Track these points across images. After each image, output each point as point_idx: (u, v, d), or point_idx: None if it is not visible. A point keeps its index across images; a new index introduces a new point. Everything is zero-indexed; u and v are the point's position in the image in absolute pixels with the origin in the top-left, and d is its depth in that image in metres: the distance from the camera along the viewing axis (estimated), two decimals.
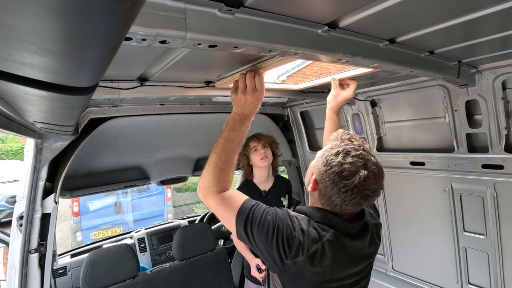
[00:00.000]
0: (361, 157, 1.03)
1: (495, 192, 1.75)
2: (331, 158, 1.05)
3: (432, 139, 1.99)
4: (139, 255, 3.31)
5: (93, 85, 0.54)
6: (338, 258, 1.08)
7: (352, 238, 1.11)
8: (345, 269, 1.11)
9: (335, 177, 1.03)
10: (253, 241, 1.10)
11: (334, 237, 1.07)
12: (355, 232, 1.13)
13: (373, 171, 1.03)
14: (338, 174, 1.02)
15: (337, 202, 1.05)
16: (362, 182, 1.01)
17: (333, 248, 1.06)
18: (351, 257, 1.12)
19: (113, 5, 0.27)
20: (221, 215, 1.16)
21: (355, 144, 1.06)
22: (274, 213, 1.10)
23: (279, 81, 7.52)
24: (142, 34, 0.66)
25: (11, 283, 1.67)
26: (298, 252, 1.03)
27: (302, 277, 1.07)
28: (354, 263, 1.14)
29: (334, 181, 1.03)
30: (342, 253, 1.09)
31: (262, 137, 2.30)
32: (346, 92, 1.62)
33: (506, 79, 1.53)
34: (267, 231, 1.06)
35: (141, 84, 1.54)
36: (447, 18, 0.94)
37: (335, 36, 0.98)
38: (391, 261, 2.46)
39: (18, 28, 0.29)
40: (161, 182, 2.76)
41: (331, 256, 1.06)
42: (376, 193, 1.06)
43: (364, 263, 1.18)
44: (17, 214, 1.70)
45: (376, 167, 1.04)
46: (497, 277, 1.83)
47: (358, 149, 1.04)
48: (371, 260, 1.23)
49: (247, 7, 0.78)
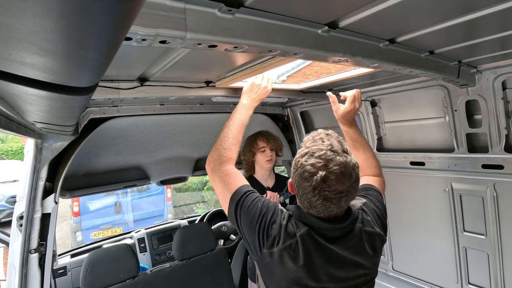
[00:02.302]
0: (323, 157, 1.00)
1: (495, 192, 1.75)
2: (297, 160, 1.06)
3: (432, 139, 1.99)
4: (139, 255, 3.30)
5: (93, 85, 0.54)
6: (312, 257, 1.06)
7: (329, 241, 1.06)
8: (324, 272, 1.06)
9: (298, 179, 1.04)
10: (240, 224, 1.16)
11: (308, 235, 1.06)
12: (335, 235, 1.07)
13: (334, 172, 0.98)
14: (300, 176, 1.03)
15: (306, 204, 1.06)
16: (320, 183, 0.98)
17: (306, 246, 1.05)
18: (331, 260, 1.06)
19: (113, 5, 0.27)
20: (220, 191, 1.27)
21: (324, 144, 1.03)
22: (264, 202, 1.15)
23: (279, 81, 7.50)
24: (142, 34, 0.66)
25: (11, 283, 1.66)
26: (274, 242, 1.07)
27: (276, 271, 1.08)
28: (336, 267, 1.07)
29: (298, 183, 1.04)
30: (317, 253, 1.06)
31: (272, 140, 2.31)
32: (345, 105, 1.54)
33: (506, 79, 1.53)
34: (252, 216, 1.12)
35: (141, 84, 1.54)
36: (447, 18, 0.94)
37: (335, 36, 0.98)
38: (391, 261, 2.46)
39: (18, 28, 0.29)
40: (161, 182, 2.76)
41: (304, 254, 1.05)
42: (341, 195, 1.00)
43: (353, 271, 1.10)
44: (17, 214, 1.70)
45: (340, 167, 0.99)
46: (497, 277, 1.83)
47: (323, 149, 1.01)
48: (364, 271, 1.12)
49: (247, 7, 0.78)
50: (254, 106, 1.56)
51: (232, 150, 1.38)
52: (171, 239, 3.43)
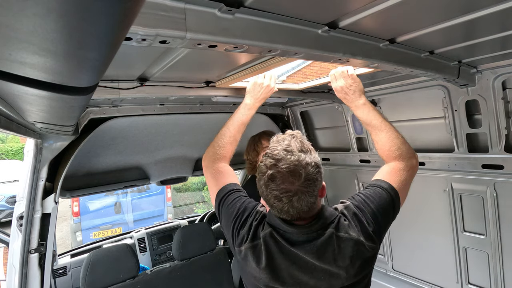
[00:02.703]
0: (276, 157, 1.01)
1: (495, 192, 1.75)
2: (260, 161, 1.09)
3: (432, 139, 1.99)
4: (139, 255, 3.30)
5: (93, 85, 0.54)
6: (275, 259, 1.05)
7: (292, 244, 1.05)
8: (288, 275, 1.05)
9: (257, 179, 1.07)
10: (220, 219, 1.24)
11: (271, 237, 1.07)
12: (300, 238, 1.05)
13: (281, 171, 0.98)
14: (257, 176, 1.07)
15: (267, 204, 1.08)
16: (269, 181, 1.00)
17: (269, 248, 1.06)
18: (296, 264, 1.04)
19: (113, 5, 0.27)
20: (210, 186, 1.35)
21: (282, 144, 1.04)
22: (243, 202, 1.20)
23: (279, 81, 7.49)
24: (142, 34, 0.66)
25: (11, 283, 1.66)
26: (242, 241, 1.11)
27: (245, 269, 1.11)
28: (303, 271, 1.04)
29: (258, 183, 1.07)
30: (280, 255, 1.05)
31: None
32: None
33: (506, 79, 1.53)
34: (230, 214, 1.18)
35: (141, 84, 1.55)
36: (447, 18, 0.94)
37: (335, 36, 0.98)
38: (391, 261, 2.46)
39: (18, 28, 0.29)
40: (161, 182, 2.76)
41: (266, 255, 1.05)
42: (289, 194, 0.99)
43: (326, 280, 1.04)
44: (17, 214, 1.70)
45: (288, 166, 0.98)
46: (497, 277, 1.83)
47: (278, 149, 1.02)
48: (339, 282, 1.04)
49: (247, 7, 0.78)
50: (257, 106, 1.55)
51: (226, 148, 1.42)
52: (171, 239, 3.43)
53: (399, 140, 1.30)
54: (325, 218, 1.07)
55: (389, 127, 1.33)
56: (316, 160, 1.03)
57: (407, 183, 1.24)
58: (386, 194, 1.16)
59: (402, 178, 1.22)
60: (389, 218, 1.18)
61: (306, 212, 1.03)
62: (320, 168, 1.04)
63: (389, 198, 1.16)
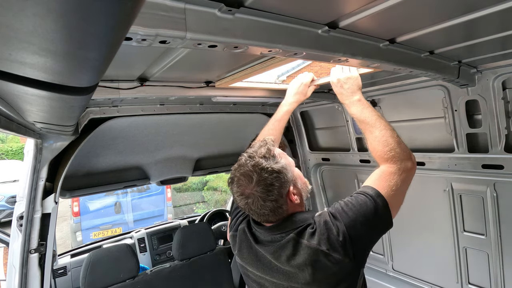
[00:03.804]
0: (239, 162, 1.11)
1: (495, 192, 1.75)
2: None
3: (432, 139, 1.99)
4: (139, 255, 3.30)
5: (93, 85, 0.54)
6: (243, 252, 1.20)
7: (256, 241, 1.16)
8: (255, 268, 1.17)
9: None
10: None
11: (244, 231, 1.21)
12: (265, 238, 1.13)
13: (237, 175, 1.08)
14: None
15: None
16: (230, 185, 1.12)
17: (241, 240, 1.22)
18: (260, 261, 1.14)
19: (113, 5, 0.27)
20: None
21: (250, 150, 1.13)
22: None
23: (279, 81, 7.51)
24: (142, 34, 0.66)
25: (11, 283, 1.66)
26: (231, 229, 1.31)
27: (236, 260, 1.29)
28: (266, 269, 1.12)
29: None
30: (247, 249, 1.18)
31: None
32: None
33: (506, 79, 1.53)
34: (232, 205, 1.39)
35: (141, 84, 1.55)
36: (447, 18, 0.94)
37: (335, 36, 0.98)
38: (391, 261, 2.46)
39: (18, 28, 0.28)
40: (161, 182, 2.76)
41: (238, 246, 1.22)
42: (243, 197, 1.07)
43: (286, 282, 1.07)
44: (17, 214, 1.70)
45: (244, 171, 1.06)
46: (497, 277, 1.83)
47: (244, 155, 1.11)
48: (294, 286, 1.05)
49: (247, 7, 0.78)
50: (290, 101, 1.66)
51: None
52: (171, 239, 3.43)
53: (393, 140, 1.19)
54: (293, 223, 1.09)
55: (384, 126, 1.23)
56: (277, 166, 1.07)
57: (400, 188, 1.13)
58: (370, 202, 1.06)
59: (392, 183, 1.12)
60: (374, 228, 1.07)
61: (269, 215, 1.09)
62: (280, 174, 1.07)
63: (373, 206, 1.05)
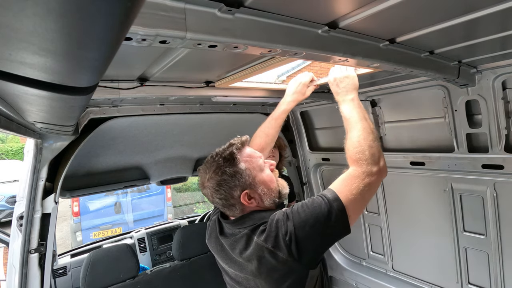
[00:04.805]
0: (207, 157, 1.25)
1: (495, 192, 1.75)
2: None
3: (432, 139, 1.99)
4: (139, 255, 3.31)
5: (93, 85, 0.54)
6: (212, 241, 1.32)
7: (221, 233, 1.27)
8: (219, 257, 1.29)
9: None
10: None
11: (214, 222, 1.33)
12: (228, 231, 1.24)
13: (201, 167, 1.24)
14: None
15: None
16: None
17: (210, 230, 1.36)
18: (224, 251, 1.24)
19: (113, 5, 0.27)
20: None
21: (218, 149, 1.24)
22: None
23: (279, 81, 7.50)
24: (142, 34, 0.66)
25: (11, 283, 1.66)
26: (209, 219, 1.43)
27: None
28: (226, 258, 1.24)
29: None
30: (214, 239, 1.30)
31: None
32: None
33: (506, 79, 1.53)
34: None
35: (141, 84, 1.55)
36: (447, 18, 0.94)
37: (335, 36, 0.98)
38: (391, 261, 2.46)
39: (18, 28, 0.28)
40: (161, 182, 2.76)
41: (209, 235, 1.35)
42: (202, 186, 1.23)
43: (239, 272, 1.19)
44: (17, 214, 1.70)
45: (206, 165, 1.21)
46: (497, 277, 1.83)
47: (213, 152, 1.24)
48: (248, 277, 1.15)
49: (247, 7, 0.78)
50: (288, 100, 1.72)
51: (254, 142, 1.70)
52: (171, 239, 3.44)
53: (365, 143, 1.17)
54: (250, 220, 1.18)
55: (363, 128, 1.21)
56: (230, 170, 1.16)
57: (361, 193, 1.09)
58: (324, 205, 1.05)
59: (353, 187, 1.09)
60: (325, 231, 1.05)
61: (224, 209, 1.24)
62: (230, 177, 1.15)
63: (327, 210, 1.04)
